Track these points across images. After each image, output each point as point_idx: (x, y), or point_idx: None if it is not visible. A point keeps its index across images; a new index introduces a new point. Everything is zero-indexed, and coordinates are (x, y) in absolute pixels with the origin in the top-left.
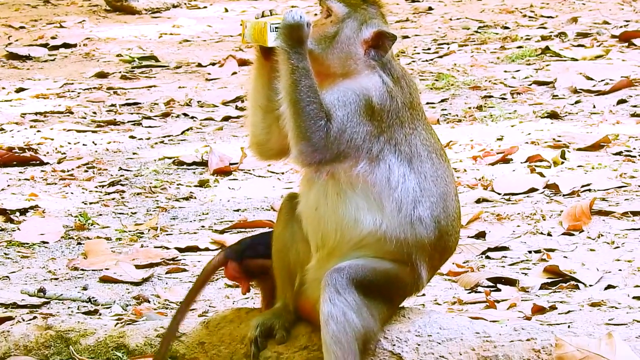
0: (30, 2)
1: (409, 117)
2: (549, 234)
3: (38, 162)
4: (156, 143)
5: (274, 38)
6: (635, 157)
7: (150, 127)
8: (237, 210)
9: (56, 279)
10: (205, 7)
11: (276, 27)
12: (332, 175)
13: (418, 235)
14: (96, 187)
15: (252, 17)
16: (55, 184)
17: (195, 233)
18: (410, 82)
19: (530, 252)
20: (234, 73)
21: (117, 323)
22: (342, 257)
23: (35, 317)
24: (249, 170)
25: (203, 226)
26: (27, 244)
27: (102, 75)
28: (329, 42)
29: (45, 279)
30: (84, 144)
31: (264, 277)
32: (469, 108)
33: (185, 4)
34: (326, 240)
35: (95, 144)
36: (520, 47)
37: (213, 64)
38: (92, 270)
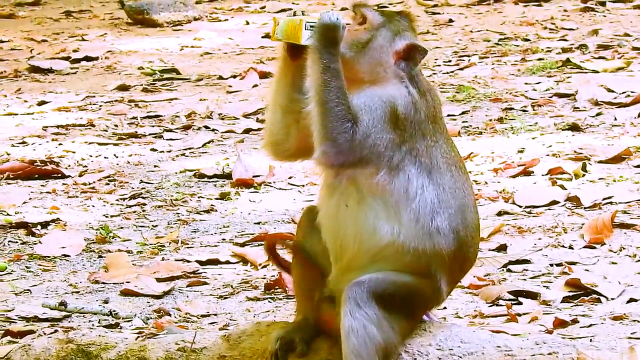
0: (52, 16)
1: (431, 130)
2: (571, 247)
3: (59, 175)
4: (177, 156)
5: (308, 36)
6: None
7: (171, 139)
8: (258, 223)
9: (77, 292)
10: (226, 19)
11: (311, 26)
12: (353, 182)
13: (436, 245)
14: (117, 200)
15: (284, 16)
16: (77, 197)
17: (216, 246)
18: (435, 96)
19: (551, 265)
20: (255, 85)
21: (138, 336)
22: (361, 268)
23: (56, 331)
24: (270, 183)
25: (224, 239)
26: (49, 257)
27: (123, 88)
28: (361, 47)
29: (66, 292)
30: (105, 157)
31: None
32: (490, 120)
33: (206, 16)
34: (345, 249)
35: (117, 157)
36: (541, 59)
37: (234, 77)
38: (113, 283)
